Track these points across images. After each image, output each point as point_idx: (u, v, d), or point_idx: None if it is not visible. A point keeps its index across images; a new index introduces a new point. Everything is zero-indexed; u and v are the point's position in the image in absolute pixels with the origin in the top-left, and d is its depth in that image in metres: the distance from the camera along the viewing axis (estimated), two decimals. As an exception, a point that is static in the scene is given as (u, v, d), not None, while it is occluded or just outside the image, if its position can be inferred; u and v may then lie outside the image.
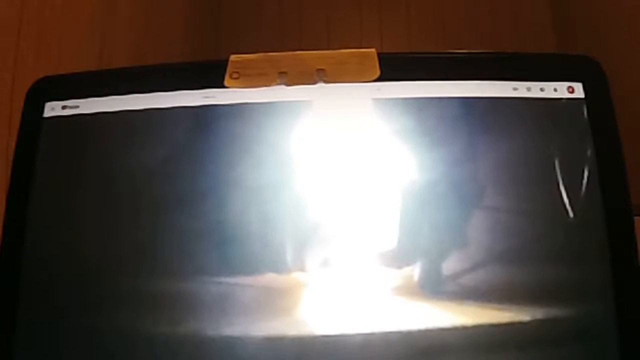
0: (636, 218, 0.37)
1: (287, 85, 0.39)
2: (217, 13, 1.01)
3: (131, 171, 0.39)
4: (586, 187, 0.37)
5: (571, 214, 0.37)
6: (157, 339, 0.37)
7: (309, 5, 1.00)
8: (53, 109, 0.41)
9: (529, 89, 0.39)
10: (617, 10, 0.76)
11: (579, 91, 0.39)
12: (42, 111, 0.41)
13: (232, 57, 0.40)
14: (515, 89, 0.39)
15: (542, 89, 0.39)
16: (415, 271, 0.37)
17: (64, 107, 0.40)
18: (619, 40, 0.74)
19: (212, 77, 0.39)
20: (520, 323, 0.36)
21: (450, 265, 0.37)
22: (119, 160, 0.40)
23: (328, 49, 0.40)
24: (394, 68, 0.39)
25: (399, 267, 0.37)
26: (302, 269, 0.37)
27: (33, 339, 0.38)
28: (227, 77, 0.39)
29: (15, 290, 0.38)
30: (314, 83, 0.39)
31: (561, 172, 0.38)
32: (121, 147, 0.40)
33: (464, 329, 0.36)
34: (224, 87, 0.39)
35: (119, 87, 0.40)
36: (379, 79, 0.39)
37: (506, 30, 0.96)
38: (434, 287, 0.37)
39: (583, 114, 0.38)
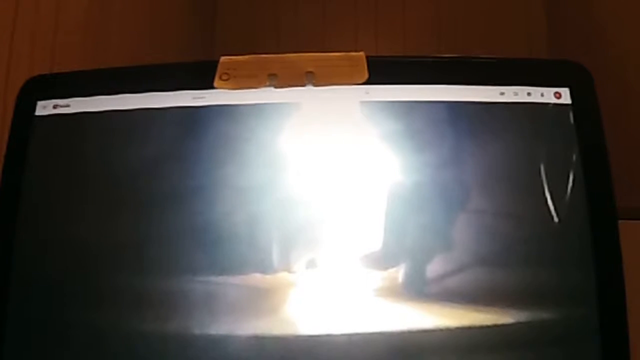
0: (621, 222, 0.38)
1: (277, 87, 0.39)
2: (213, 13, 1.01)
3: (121, 170, 0.40)
4: (572, 192, 0.38)
5: (556, 218, 0.37)
6: (143, 337, 0.37)
7: (304, 7, 1.00)
8: (45, 107, 0.41)
9: (515, 94, 0.39)
10: (612, 16, 0.76)
11: (566, 97, 0.39)
12: (34, 110, 0.41)
13: (222, 59, 0.40)
14: (502, 93, 0.39)
15: (529, 94, 0.39)
16: (400, 273, 0.37)
17: (55, 106, 0.41)
18: (613, 47, 0.75)
19: (202, 78, 0.40)
20: (504, 325, 0.36)
21: (435, 267, 0.37)
22: (109, 159, 0.40)
23: (323, 51, 0.41)
24: (382, 71, 0.39)
25: (385, 269, 0.37)
26: (288, 270, 0.37)
27: (21, 335, 0.38)
28: (216, 78, 0.39)
29: (5, 287, 0.38)
30: (303, 85, 0.39)
31: (547, 177, 0.38)
32: (111, 146, 0.40)
33: (448, 330, 0.36)
34: (213, 88, 0.39)
35: (109, 87, 0.40)
36: (367, 82, 0.39)
37: (501, 34, 0.96)
38: (418, 289, 0.37)
39: (570, 119, 0.39)
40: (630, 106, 0.67)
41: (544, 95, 0.39)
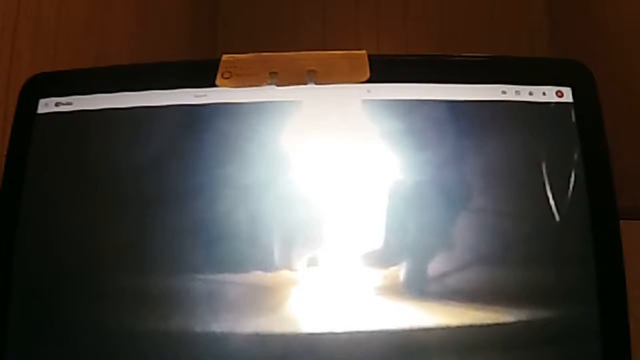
0: (622, 222, 0.38)
1: (278, 85, 0.39)
2: (214, 11, 1.01)
3: (122, 168, 0.40)
4: (573, 191, 0.38)
5: (557, 217, 0.37)
6: (145, 336, 0.37)
7: (305, 5, 1.00)
8: (47, 105, 0.41)
9: (517, 93, 0.39)
10: (614, 15, 0.76)
11: (567, 96, 0.39)
12: (36, 107, 0.41)
13: (224, 57, 0.40)
14: (504, 92, 0.39)
15: (530, 93, 0.39)
16: (401, 271, 0.37)
17: (57, 104, 0.41)
18: (615, 46, 0.74)
19: (204, 76, 0.40)
20: (504, 324, 0.36)
21: (436, 265, 0.37)
22: (111, 157, 0.40)
23: (324, 49, 0.41)
24: (384, 70, 0.39)
25: (385, 267, 0.37)
26: (289, 268, 0.37)
27: (23, 334, 0.38)
28: (218, 77, 0.39)
29: (6, 286, 0.38)
30: (305, 84, 0.39)
31: (548, 176, 0.38)
32: (113, 144, 0.40)
33: (449, 329, 0.36)
34: (215, 86, 0.39)
35: (111, 84, 0.40)
36: (369, 81, 0.39)
37: (503, 32, 0.96)
38: (419, 288, 0.37)
39: (571, 118, 0.39)
40: (632, 105, 0.67)
41: (546, 94, 0.39)
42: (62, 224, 0.40)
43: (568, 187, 0.38)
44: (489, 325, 0.36)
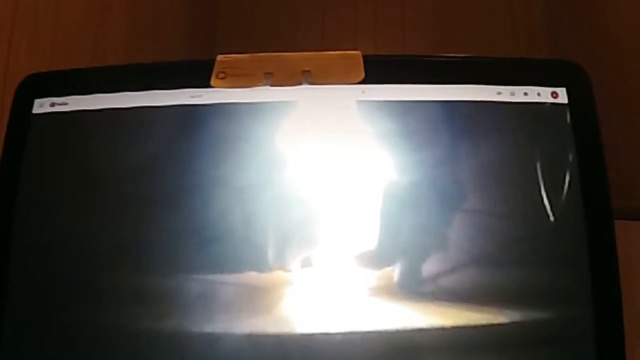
0: (617, 222, 0.38)
1: (273, 85, 0.39)
2: (213, 10, 1.01)
3: (117, 169, 0.40)
4: (568, 191, 0.38)
5: (552, 218, 0.37)
6: (140, 336, 0.37)
7: (304, 6, 1.00)
8: (42, 105, 0.41)
9: (512, 94, 0.39)
10: (613, 16, 0.76)
11: (562, 96, 0.39)
12: (31, 107, 0.41)
13: (219, 57, 0.40)
14: (499, 93, 0.39)
15: (525, 94, 0.39)
16: (395, 272, 0.37)
17: (52, 104, 0.41)
18: (614, 46, 0.74)
19: (199, 76, 0.40)
20: (499, 325, 0.36)
21: (430, 266, 0.37)
22: (106, 157, 0.40)
23: (322, 50, 0.41)
24: (378, 71, 0.39)
25: (380, 268, 0.37)
26: (284, 268, 0.37)
27: (17, 334, 0.38)
28: (213, 77, 0.39)
29: (2, 285, 0.38)
30: (299, 84, 0.39)
31: (543, 176, 0.38)
32: (108, 144, 0.40)
33: (443, 330, 0.36)
34: (210, 86, 0.39)
35: (106, 85, 0.40)
36: (363, 82, 0.39)
37: (501, 32, 0.96)
38: (413, 288, 0.37)
39: (566, 119, 0.39)
40: (630, 105, 0.67)
41: (541, 94, 0.39)
42: (57, 225, 0.40)
43: (562, 188, 0.38)
44: (482, 326, 0.36)
